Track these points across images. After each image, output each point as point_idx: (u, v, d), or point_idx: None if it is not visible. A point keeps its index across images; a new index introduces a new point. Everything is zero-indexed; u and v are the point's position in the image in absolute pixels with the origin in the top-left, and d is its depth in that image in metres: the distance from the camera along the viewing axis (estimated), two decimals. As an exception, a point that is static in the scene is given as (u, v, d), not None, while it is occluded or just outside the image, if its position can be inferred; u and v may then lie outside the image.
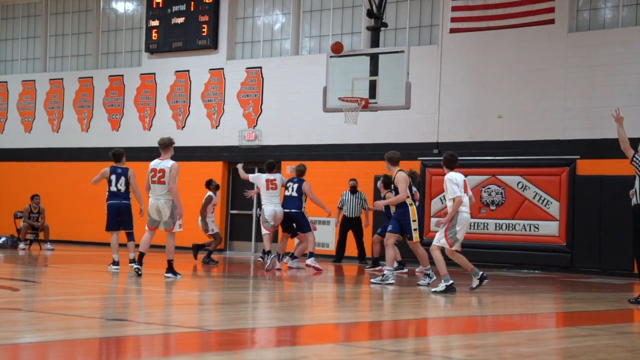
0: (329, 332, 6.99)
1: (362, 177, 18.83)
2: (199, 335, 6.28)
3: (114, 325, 6.70)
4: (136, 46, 22.88)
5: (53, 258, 16.59)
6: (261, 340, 6.31)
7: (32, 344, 5.72)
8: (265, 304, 9.44)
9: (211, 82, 21.54)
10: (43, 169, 23.55)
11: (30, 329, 6.45)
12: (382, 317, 8.20)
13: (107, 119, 22.98)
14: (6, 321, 6.82)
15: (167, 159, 11.83)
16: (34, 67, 24.49)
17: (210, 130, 21.45)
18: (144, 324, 6.88)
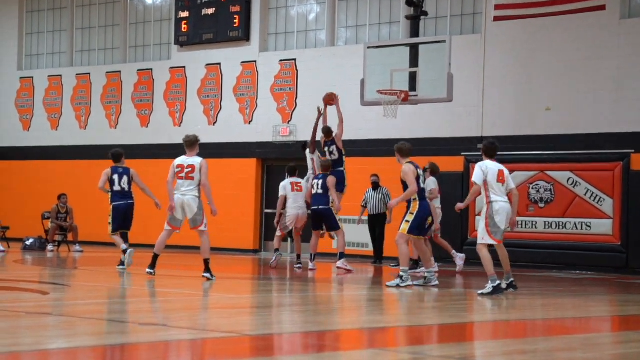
0: (369, 336, 6.98)
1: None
2: (234, 341, 6.32)
3: (147, 330, 6.76)
4: (165, 38, 23.04)
5: (82, 260, 16.78)
6: (299, 345, 6.33)
7: (63, 349, 5.79)
8: (302, 307, 9.46)
9: (243, 76, 21.62)
10: (70, 168, 23.81)
11: (61, 334, 6.53)
12: (425, 321, 8.18)
13: (136, 115, 23.18)
14: (36, 326, 6.91)
15: (194, 156, 11.97)
16: (60, 62, 24.77)
17: (242, 126, 21.54)
18: (178, 329, 6.93)
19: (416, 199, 11.61)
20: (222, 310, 8.80)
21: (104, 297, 9.79)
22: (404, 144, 11.80)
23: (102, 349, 5.82)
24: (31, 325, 6.96)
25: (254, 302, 9.81)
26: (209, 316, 8.19)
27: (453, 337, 7.25)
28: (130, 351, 5.80)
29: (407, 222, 11.50)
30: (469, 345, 6.74)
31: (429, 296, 10.92)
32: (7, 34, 25.28)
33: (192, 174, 11.90)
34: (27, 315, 7.46)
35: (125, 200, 13.58)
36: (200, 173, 11.89)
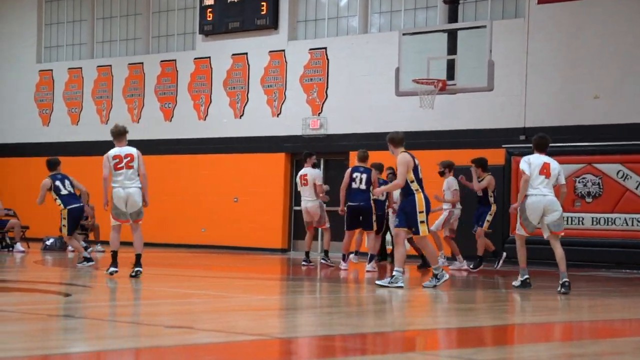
0: (405, 339, 6.98)
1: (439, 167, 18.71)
2: (264, 344, 6.35)
3: (173, 332, 6.81)
4: (189, 28, 23.16)
5: (104, 260, 16.92)
6: (331, 348, 6.35)
7: (86, 353, 5.85)
8: (333, 309, 9.47)
9: (271, 66, 21.67)
10: (91, 164, 23.99)
11: (84, 337, 6.60)
12: (465, 323, 8.16)
13: (159, 109, 23.33)
14: (58, 329, 6.99)
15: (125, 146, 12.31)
16: (80, 54, 24.98)
17: (270, 119, 21.59)
18: (204, 331, 6.98)
19: (418, 190, 11.15)
20: (250, 312, 8.84)
21: (127, 298, 9.87)
22: (395, 133, 11.57)
23: (127, 352, 5.88)
24: (53, 328, 7.04)
25: (283, 303, 9.84)
26: (237, 318, 8.23)
27: (495, 339, 7.23)
28: (156, 354, 5.85)
29: (423, 222, 11.12)
30: (511, 349, 6.72)
31: (468, 297, 10.89)
32: (25, 25, 25.54)
33: (131, 162, 12.11)
34: (48, 318, 7.55)
35: (78, 203, 14.08)
36: (139, 162, 12.08)
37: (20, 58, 25.61)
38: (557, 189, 11.42)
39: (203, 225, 22.17)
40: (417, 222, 11.06)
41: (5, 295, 9.79)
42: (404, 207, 11.17)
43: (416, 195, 11.09)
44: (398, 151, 11.35)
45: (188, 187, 22.45)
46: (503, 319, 8.73)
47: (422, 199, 11.09)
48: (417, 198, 11.09)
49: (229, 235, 21.64)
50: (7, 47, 25.83)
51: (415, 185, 11.10)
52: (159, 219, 22.76)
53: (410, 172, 11.06)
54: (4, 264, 15.32)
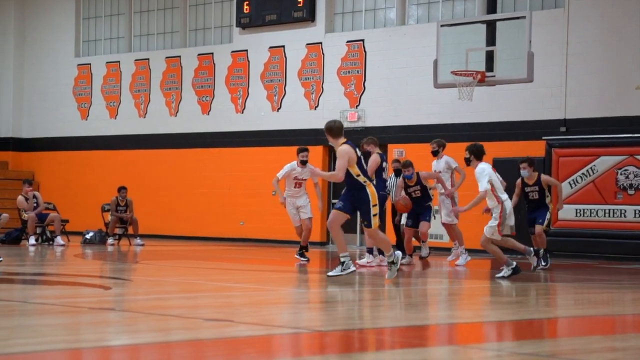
0: (448, 332, 6.96)
1: (478, 160, 18.62)
2: (303, 337, 6.36)
3: (212, 325, 6.85)
4: (226, 21, 23.23)
5: (143, 254, 17.06)
6: (371, 341, 6.34)
7: (127, 346, 5.90)
8: (374, 302, 9.47)
9: (308, 58, 21.67)
10: (130, 158, 24.21)
11: (124, 330, 6.66)
12: (508, 317, 8.11)
13: (197, 102, 23.43)
14: (99, 322, 7.06)
15: None
16: (118, 47, 25.16)
17: (308, 112, 21.60)
18: (243, 324, 7.01)
19: (367, 181, 10.69)
20: (289, 305, 8.86)
21: (166, 292, 9.94)
22: (333, 122, 10.97)
23: (167, 346, 5.92)
24: (94, 321, 7.11)
25: (321, 297, 9.86)
26: (275, 312, 8.26)
27: (537, 333, 7.18)
28: (196, 348, 5.89)
29: (375, 215, 10.75)
30: (554, 342, 6.67)
31: (509, 290, 10.83)
32: (63, 19, 25.78)
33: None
34: (89, 311, 7.63)
35: None
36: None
37: (59, 52, 25.86)
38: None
39: (241, 218, 22.26)
40: (370, 216, 10.69)
41: (46, 288, 9.91)
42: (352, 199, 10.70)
43: (368, 188, 10.68)
44: (338, 142, 10.72)
45: (225, 180, 22.54)
46: (545, 312, 8.68)
47: (375, 192, 10.70)
48: (370, 192, 10.67)
49: (267, 228, 21.70)
50: (46, 42, 26.09)
51: (363, 178, 10.66)
52: (197, 213, 22.89)
53: (353, 166, 10.53)
54: (45, 257, 15.50)
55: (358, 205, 10.70)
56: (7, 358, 5.28)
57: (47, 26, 26.03)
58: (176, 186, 22.78)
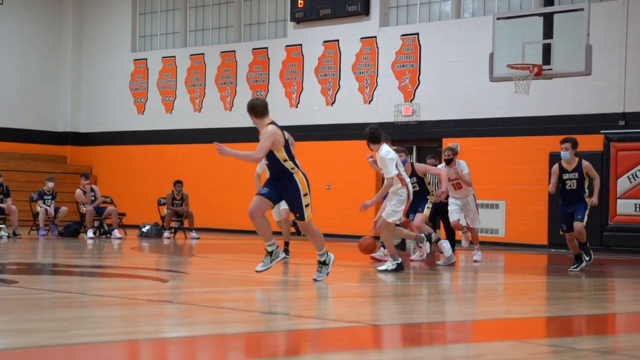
0: (505, 327, 6.90)
1: (533, 154, 18.45)
2: (359, 330, 6.36)
3: (268, 319, 6.89)
4: (281, 15, 23.28)
5: (199, 247, 17.21)
6: (430, 336, 6.32)
7: (183, 338, 5.96)
8: (429, 296, 9.43)
9: (363, 52, 21.63)
10: (185, 152, 24.41)
11: (181, 322, 6.73)
12: (565, 312, 8.02)
13: (252, 96, 23.52)
14: (157, 314, 7.14)
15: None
16: (174, 42, 25.38)
17: (362, 106, 21.57)
18: (300, 318, 7.03)
19: (295, 168, 9.55)
20: (344, 299, 8.86)
21: (222, 285, 10.01)
22: (257, 100, 9.84)
23: (223, 338, 5.96)
24: (151, 313, 7.19)
25: (377, 291, 9.84)
26: (331, 305, 8.27)
27: (596, 329, 7.09)
28: (252, 340, 5.92)
29: (307, 206, 9.64)
30: (614, 338, 6.58)
31: (568, 286, 10.71)
32: (120, 15, 26.08)
33: None
34: (147, 303, 7.72)
35: None
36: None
37: (116, 48, 26.16)
38: None
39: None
40: (301, 207, 9.52)
41: (104, 281, 10.04)
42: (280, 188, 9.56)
43: (295, 176, 9.51)
44: (263, 122, 9.52)
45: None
46: (602, 307, 8.56)
47: (304, 180, 9.54)
48: (298, 179, 9.51)
49: (321, 222, 21.67)
50: (103, 37, 26.42)
51: (291, 164, 9.48)
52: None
53: (280, 150, 9.36)
54: (102, 251, 15.71)
55: (284, 195, 9.57)
56: (67, 349, 5.37)
57: (104, 22, 26.35)
58: (231, 180, 22.89)
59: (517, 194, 18.73)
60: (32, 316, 6.65)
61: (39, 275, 10.60)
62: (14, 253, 14.50)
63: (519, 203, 18.74)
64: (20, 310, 7.00)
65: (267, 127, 9.43)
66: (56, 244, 16.93)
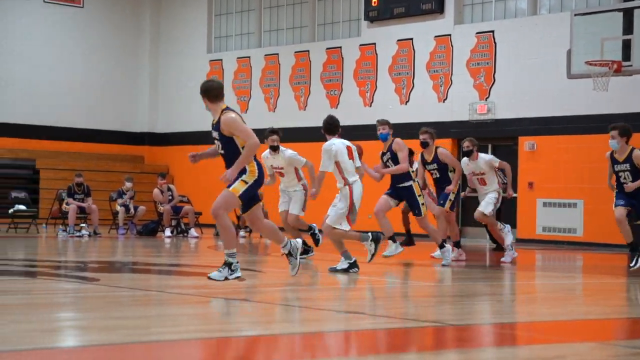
0: (585, 328, 6.79)
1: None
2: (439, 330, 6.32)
3: (344, 318, 6.89)
4: (354, 14, 23.29)
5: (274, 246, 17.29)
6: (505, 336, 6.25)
7: (261, 336, 6.00)
8: (505, 296, 9.33)
9: (437, 51, 21.50)
10: (260, 151, 24.55)
11: (259, 320, 6.77)
12: (646, 314, 7.86)
13: (325, 96, 23.58)
14: (235, 312, 7.21)
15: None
16: (248, 43, 25.58)
17: (436, 104, 21.44)
18: (376, 317, 7.02)
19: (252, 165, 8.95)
20: (422, 298, 8.82)
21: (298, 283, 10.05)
22: (211, 82, 9.02)
23: (300, 337, 5.99)
24: (229, 311, 7.26)
25: (454, 290, 9.77)
26: (408, 304, 8.23)
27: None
28: (328, 339, 5.93)
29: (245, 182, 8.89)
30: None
31: None
32: (196, 16, 26.40)
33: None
34: (224, 301, 7.79)
35: None
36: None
37: (192, 48, 26.48)
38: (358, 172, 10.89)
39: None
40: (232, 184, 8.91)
41: (182, 279, 10.18)
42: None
43: (248, 166, 8.94)
44: (218, 107, 8.87)
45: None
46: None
47: (255, 171, 8.94)
48: (249, 167, 8.95)
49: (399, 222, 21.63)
50: (179, 39, 26.78)
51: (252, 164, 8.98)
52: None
53: (239, 136, 8.84)
54: (180, 249, 15.92)
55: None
56: (147, 346, 5.45)
57: (181, 24, 26.71)
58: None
59: (595, 192, 18.38)
60: (114, 314, 6.78)
61: (118, 273, 10.79)
62: (95, 251, 14.80)
63: (597, 202, 18.40)
64: (102, 308, 7.13)
65: (230, 114, 8.78)
66: (135, 243, 17.21)
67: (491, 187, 13.17)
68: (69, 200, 19.16)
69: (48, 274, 10.25)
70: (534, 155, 19.53)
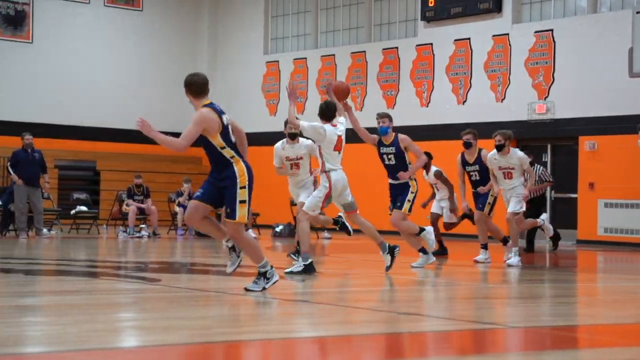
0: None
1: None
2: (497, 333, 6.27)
3: (405, 319, 6.88)
4: (411, 15, 23.22)
5: (332, 247, 17.34)
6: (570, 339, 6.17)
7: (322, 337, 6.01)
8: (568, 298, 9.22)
9: (495, 50, 21.33)
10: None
11: (319, 321, 6.79)
12: None
13: (382, 96, 23.55)
14: (295, 313, 7.24)
15: None
16: (305, 44, 25.66)
17: (494, 104, 21.27)
18: (435, 319, 6.99)
19: (235, 156, 8.06)
20: (480, 300, 8.76)
21: (357, 285, 10.06)
22: (196, 76, 8.42)
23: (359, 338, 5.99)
24: (289, 312, 7.29)
25: (514, 292, 9.69)
26: (466, 306, 8.18)
27: None
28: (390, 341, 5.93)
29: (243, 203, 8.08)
30: None
31: None
32: (253, 18, 26.55)
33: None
34: (284, 302, 7.83)
35: None
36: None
37: (249, 51, 26.64)
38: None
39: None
40: (234, 203, 7.98)
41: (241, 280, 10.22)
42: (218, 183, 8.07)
43: (235, 165, 8.03)
44: (200, 103, 8.14)
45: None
46: None
47: (244, 170, 8.04)
48: (238, 169, 8.02)
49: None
50: (236, 41, 26.97)
51: (230, 152, 8.01)
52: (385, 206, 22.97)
53: (216, 136, 7.95)
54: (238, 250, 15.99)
55: (223, 188, 8.03)
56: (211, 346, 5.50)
57: (238, 26, 26.89)
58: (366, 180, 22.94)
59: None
60: (176, 314, 6.85)
61: (178, 274, 10.90)
62: (154, 252, 14.97)
63: (660, 203, 18.11)
64: (164, 308, 7.21)
65: (200, 110, 8.01)
66: (193, 244, 17.38)
67: (517, 182, 12.79)
68: (128, 201, 19.41)
69: (110, 275, 10.40)
70: (595, 155, 19.26)
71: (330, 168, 10.50)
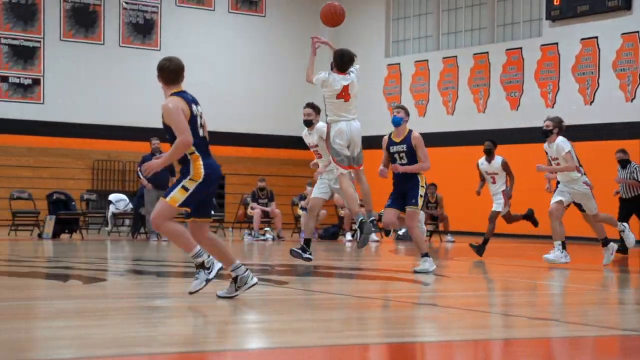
0: None
1: None
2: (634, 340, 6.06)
3: (535, 324, 6.72)
4: (535, 14, 22.78)
5: (455, 250, 17.16)
6: None
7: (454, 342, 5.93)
8: None
9: (624, 49, 20.71)
10: (438, 155, 24.42)
11: (449, 325, 6.70)
12: None
13: (505, 98, 23.18)
14: (422, 317, 7.17)
15: None
16: (426, 46, 25.50)
17: (623, 105, 20.65)
18: (570, 324, 6.81)
19: (195, 153, 7.30)
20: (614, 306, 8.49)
21: (482, 288, 9.91)
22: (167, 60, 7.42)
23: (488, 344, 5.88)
24: (418, 316, 7.23)
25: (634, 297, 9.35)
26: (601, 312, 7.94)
27: None
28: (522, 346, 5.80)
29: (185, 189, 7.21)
30: None
31: None
32: (374, 20, 26.57)
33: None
34: (412, 306, 7.77)
35: None
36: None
37: (370, 53, 26.63)
38: None
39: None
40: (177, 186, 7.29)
41: (365, 283, 10.22)
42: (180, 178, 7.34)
43: (192, 163, 7.29)
44: (168, 91, 7.41)
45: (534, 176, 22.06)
46: None
47: (201, 170, 7.25)
48: (193, 166, 7.28)
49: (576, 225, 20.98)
50: (357, 44, 26.95)
51: (190, 148, 7.28)
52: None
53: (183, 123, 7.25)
54: (360, 253, 16.00)
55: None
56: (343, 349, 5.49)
57: (359, 29, 26.92)
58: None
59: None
60: (305, 316, 6.88)
61: (302, 276, 10.96)
62: (279, 255, 15.12)
63: None
64: (294, 311, 7.25)
65: (171, 101, 7.29)
66: (316, 247, 17.45)
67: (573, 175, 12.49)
68: (253, 204, 19.67)
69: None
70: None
71: (333, 119, 10.42)
